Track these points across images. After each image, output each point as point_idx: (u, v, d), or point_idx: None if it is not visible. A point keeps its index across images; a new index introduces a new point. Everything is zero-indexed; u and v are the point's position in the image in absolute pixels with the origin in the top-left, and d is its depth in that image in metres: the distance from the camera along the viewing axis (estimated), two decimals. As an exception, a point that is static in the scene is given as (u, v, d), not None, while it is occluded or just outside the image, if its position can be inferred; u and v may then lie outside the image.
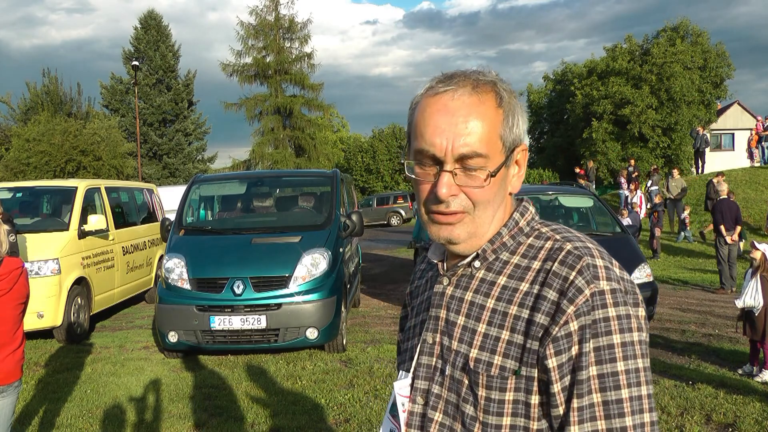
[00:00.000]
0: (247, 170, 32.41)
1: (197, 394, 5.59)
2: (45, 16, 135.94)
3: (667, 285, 10.97)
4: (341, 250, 7.31)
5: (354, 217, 7.50)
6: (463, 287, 1.13)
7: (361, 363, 6.40)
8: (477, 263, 1.12)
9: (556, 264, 1.04)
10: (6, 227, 3.03)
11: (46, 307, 7.32)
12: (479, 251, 1.11)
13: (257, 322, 6.36)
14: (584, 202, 8.83)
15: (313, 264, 6.64)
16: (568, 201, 9.02)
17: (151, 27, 35.65)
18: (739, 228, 11.17)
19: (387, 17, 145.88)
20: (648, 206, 16.72)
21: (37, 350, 7.39)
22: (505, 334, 1.05)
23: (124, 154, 25.97)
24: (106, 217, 8.81)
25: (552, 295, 1.02)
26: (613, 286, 1.00)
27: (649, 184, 18.47)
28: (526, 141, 1.14)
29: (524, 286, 1.06)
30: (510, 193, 1.14)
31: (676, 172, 17.58)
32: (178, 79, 36.05)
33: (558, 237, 1.09)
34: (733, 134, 35.06)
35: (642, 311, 1.02)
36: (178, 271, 6.66)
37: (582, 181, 18.55)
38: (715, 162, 24.63)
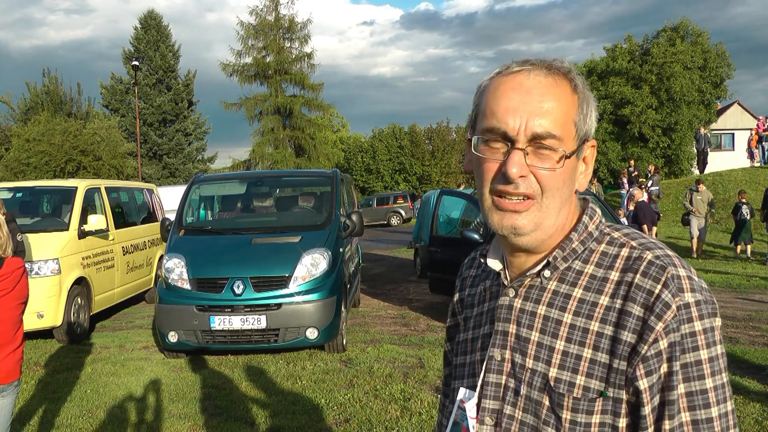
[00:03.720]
0: (247, 170, 32.41)
1: (197, 394, 5.60)
2: (44, 17, 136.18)
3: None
4: (341, 250, 7.31)
5: (354, 217, 7.50)
6: (533, 300, 1.06)
7: (361, 363, 6.40)
8: (547, 273, 1.05)
9: (638, 276, 0.98)
10: (8, 227, 3.03)
11: (46, 307, 7.32)
12: (549, 259, 1.04)
13: (257, 322, 6.36)
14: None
15: (313, 264, 6.64)
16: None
17: (151, 27, 35.66)
18: (655, 228, 12.07)
19: (384, 18, 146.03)
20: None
21: (37, 350, 7.39)
22: (587, 353, 0.99)
23: (124, 154, 25.99)
24: (106, 217, 8.81)
25: (637, 310, 0.96)
26: (697, 298, 0.96)
27: (649, 185, 18.46)
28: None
29: (604, 300, 0.99)
30: (576, 191, 1.07)
31: (702, 185, 14.68)
32: (178, 79, 36.06)
33: (634, 244, 1.03)
34: (733, 134, 35.08)
35: (719, 320, 0.98)
36: (178, 271, 6.66)
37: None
38: (715, 162, 24.65)
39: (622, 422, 0.97)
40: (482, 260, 1.21)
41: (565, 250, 1.04)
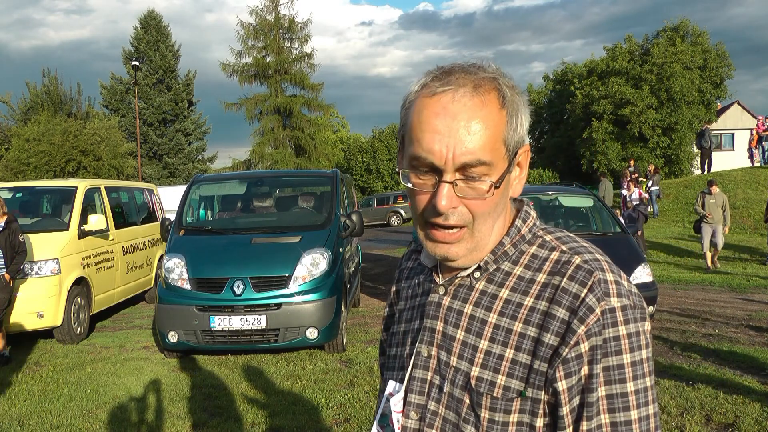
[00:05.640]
0: (247, 170, 32.41)
1: (197, 394, 5.59)
2: (43, 17, 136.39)
3: (667, 285, 10.97)
4: (341, 250, 7.31)
5: (354, 217, 7.50)
6: (461, 299, 1.07)
7: (361, 363, 6.40)
8: (477, 274, 1.06)
9: (565, 279, 0.98)
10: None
11: (46, 307, 7.32)
12: (481, 264, 1.05)
13: (257, 322, 6.36)
14: (584, 202, 8.82)
15: (313, 264, 6.64)
16: (568, 201, 9.01)
17: (151, 27, 35.66)
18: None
19: (383, 18, 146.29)
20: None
21: (37, 350, 7.40)
22: (509, 353, 1.00)
23: (124, 154, 25.97)
24: (106, 217, 8.81)
25: (562, 313, 0.96)
26: (624, 303, 0.96)
27: (649, 185, 18.45)
28: (527, 140, 1.05)
29: (529, 301, 1.00)
30: (510, 197, 1.07)
31: (715, 187, 13.02)
32: (178, 79, 36.06)
33: (564, 248, 1.03)
34: (733, 134, 35.08)
35: (648, 325, 0.98)
36: (178, 271, 6.66)
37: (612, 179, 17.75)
38: (715, 162, 24.60)
39: (540, 422, 0.98)
40: (417, 255, 1.23)
41: (496, 254, 1.05)
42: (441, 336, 1.07)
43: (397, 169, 1.06)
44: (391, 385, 1.14)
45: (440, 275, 1.11)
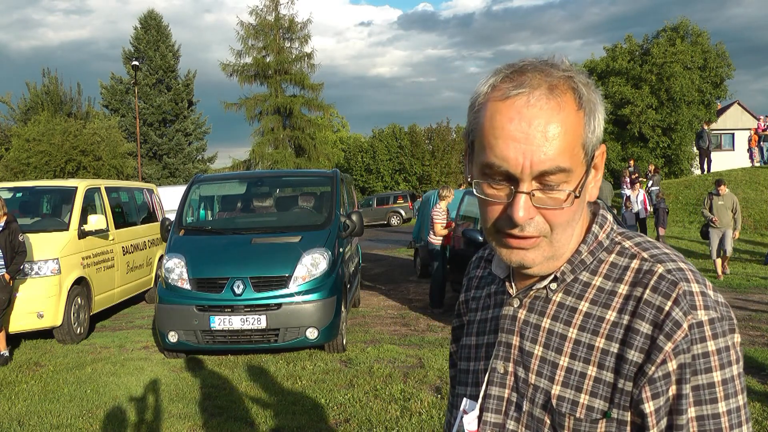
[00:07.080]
0: (247, 170, 32.41)
1: (197, 394, 5.60)
2: (42, 18, 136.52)
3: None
4: (341, 250, 7.31)
5: (354, 217, 7.50)
6: (538, 312, 1.01)
7: (361, 363, 6.40)
8: (553, 285, 1.00)
9: (648, 291, 0.92)
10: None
11: (46, 307, 7.32)
12: (557, 274, 0.99)
13: (257, 322, 6.36)
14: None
15: (313, 264, 6.64)
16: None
17: (151, 27, 35.67)
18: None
19: (382, 18, 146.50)
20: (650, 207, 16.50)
21: (37, 350, 7.40)
22: (591, 370, 0.94)
23: (124, 154, 25.97)
24: (106, 217, 8.81)
25: (645, 328, 0.90)
26: (711, 315, 0.89)
27: (650, 185, 18.44)
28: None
29: (611, 315, 0.94)
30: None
31: (723, 187, 11.80)
32: (178, 79, 36.07)
33: (646, 255, 0.97)
34: (733, 134, 35.13)
35: (738, 337, 0.92)
36: (178, 271, 6.66)
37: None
38: (715, 162, 24.60)
39: None
40: (487, 264, 1.17)
41: (573, 263, 0.99)
42: (518, 351, 1.02)
43: (467, 178, 1.00)
44: (465, 402, 1.09)
45: (513, 286, 1.05)
